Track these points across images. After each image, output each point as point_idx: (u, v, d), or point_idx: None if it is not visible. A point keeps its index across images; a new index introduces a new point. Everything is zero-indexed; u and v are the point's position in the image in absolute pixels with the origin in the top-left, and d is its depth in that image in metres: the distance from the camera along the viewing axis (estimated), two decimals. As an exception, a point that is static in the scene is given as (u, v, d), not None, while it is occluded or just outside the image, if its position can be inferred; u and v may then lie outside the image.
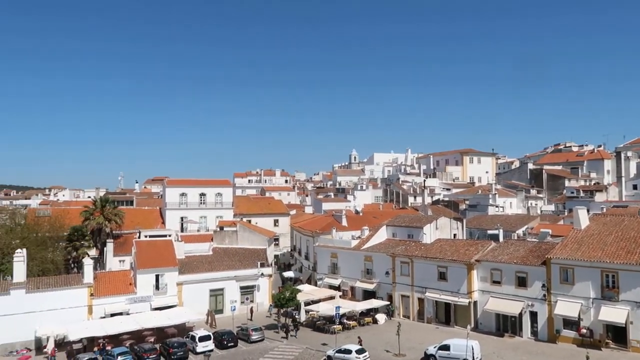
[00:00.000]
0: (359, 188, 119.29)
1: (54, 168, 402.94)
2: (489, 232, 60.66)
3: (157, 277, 53.84)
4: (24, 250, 51.46)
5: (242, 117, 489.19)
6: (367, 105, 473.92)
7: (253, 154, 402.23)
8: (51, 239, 64.83)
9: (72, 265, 63.31)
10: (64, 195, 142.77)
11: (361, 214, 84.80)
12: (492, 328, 48.24)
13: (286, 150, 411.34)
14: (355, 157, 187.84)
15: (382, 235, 63.71)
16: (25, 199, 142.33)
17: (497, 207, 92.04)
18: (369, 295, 58.57)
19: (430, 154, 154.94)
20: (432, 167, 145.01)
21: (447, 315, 52.02)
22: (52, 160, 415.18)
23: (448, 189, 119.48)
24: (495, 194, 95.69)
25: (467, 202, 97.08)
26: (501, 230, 57.02)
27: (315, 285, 64.75)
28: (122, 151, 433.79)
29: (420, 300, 53.70)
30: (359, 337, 43.58)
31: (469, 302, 49.03)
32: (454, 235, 64.27)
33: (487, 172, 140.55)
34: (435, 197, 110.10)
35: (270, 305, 56.65)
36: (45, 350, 44.49)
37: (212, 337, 44.84)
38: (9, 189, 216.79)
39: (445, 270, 51.50)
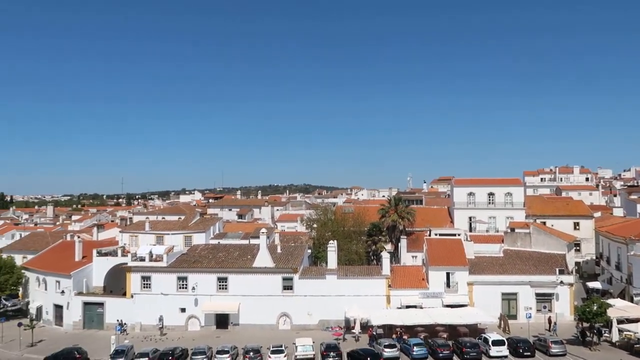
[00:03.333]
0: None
1: (354, 170, 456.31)
2: None
3: (447, 275, 54.91)
4: (335, 241, 59.83)
5: (530, 110, 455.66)
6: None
7: (546, 150, 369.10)
8: (355, 233, 73.42)
9: (372, 258, 70.32)
10: (362, 195, 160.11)
11: (696, 219, 67.76)
12: None
13: (585, 144, 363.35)
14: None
15: None
16: (333, 197, 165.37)
17: None
18: None
19: None
20: None
21: None
22: (353, 162, 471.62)
23: None
24: None
25: None
26: None
27: (631, 301, 54.81)
28: (410, 152, 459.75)
29: None
30: None
31: None
32: None
33: None
34: None
35: (555, 323, 50.49)
36: (353, 330, 50.68)
37: (506, 342, 43.02)
38: (321, 189, 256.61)
39: None
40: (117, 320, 54.97)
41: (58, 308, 59.42)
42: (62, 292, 58.14)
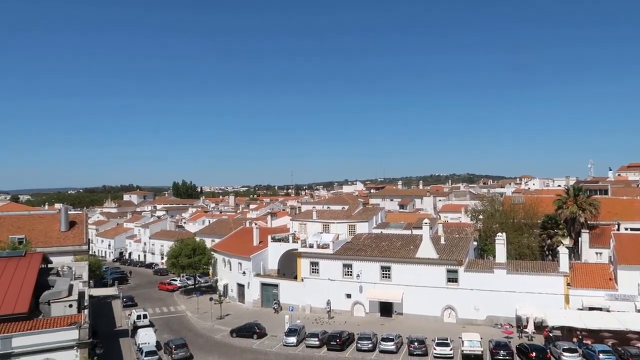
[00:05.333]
0: None
1: (524, 158, 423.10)
2: None
3: (642, 275, 47.62)
4: (503, 234, 56.17)
5: None
6: None
7: None
8: (526, 225, 67.95)
9: (547, 253, 64.49)
10: (533, 184, 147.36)
11: None
12: None
13: None
14: None
15: None
16: (500, 187, 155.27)
17: None
18: None
19: None
20: None
21: None
22: (524, 150, 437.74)
23: None
24: None
25: None
26: None
27: None
28: (590, 138, 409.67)
29: None
30: None
31: None
32: None
33: None
34: None
35: None
36: (525, 330, 47.19)
37: None
38: (486, 178, 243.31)
39: None
40: (274, 301, 60.45)
41: (240, 287, 66.59)
42: (244, 273, 64.97)
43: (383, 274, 56.79)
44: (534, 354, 39.62)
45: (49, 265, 46.82)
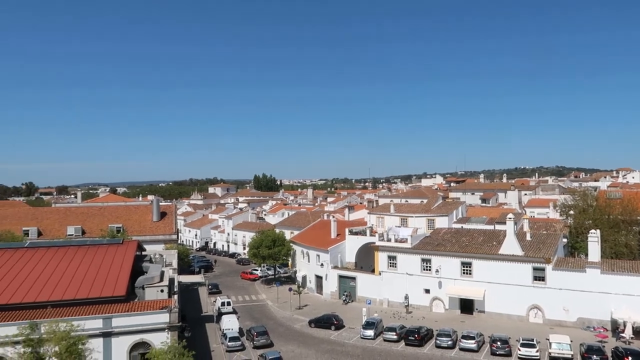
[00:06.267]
0: None
1: (621, 149, 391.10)
2: None
3: None
4: (597, 231, 52.30)
5: None
6: None
7: None
8: (623, 222, 62.83)
9: (648, 252, 59.24)
10: (633, 177, 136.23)
11: None
12: None
13: None
14: None
15: None
16: (594, 181, 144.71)
17: None
18: None
19: None
20: None
21: None
22: (622, 141, 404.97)
23: None
24: None
25: None
26: None
27: None
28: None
29: None
30: None
31: None
32: None
33: None
34: None
35: None
36: (622, 334, 43.79)
37: None
38: (577, 171, 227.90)
39: None
40: (344, 292, 61.48)
41: (318, 278, 67.62)
42: (322, 265, 65.89)
43: (464, 270, 55.09)
44: (629, 358, 36.80)
45: (143, 253, 50.41)
